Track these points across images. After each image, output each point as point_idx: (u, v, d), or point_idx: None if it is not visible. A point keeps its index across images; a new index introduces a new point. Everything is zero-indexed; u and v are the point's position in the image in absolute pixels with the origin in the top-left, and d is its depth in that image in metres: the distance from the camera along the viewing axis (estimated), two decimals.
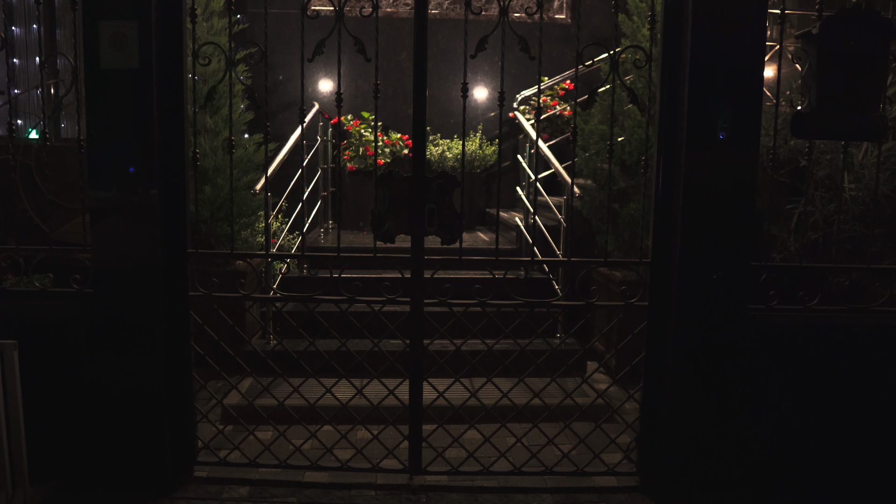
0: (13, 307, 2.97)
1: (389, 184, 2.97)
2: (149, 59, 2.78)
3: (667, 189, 2.94)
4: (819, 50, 2.81)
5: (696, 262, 2.87)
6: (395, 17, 6.92)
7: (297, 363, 3.26)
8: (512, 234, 5.68)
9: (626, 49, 3.19)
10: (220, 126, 4.80)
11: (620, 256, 4.69)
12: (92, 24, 2.76)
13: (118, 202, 2.83)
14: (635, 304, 3.08)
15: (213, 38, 4.76)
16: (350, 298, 3.08)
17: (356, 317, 3.35)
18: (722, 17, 2.79)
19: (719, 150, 2.82)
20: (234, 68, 3.02)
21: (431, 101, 6.96)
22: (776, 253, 4.51)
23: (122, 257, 2.86)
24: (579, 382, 3.39)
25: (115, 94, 2.80)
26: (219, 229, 4.71)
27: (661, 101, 2.94)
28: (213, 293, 3.07)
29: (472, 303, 3.08)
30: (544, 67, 6.77)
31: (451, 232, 2.99)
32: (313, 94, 6.89)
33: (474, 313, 3.17)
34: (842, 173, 3.63)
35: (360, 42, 2.83)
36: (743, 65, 2.81)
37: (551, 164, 4.76)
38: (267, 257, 3.37)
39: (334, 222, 6.50)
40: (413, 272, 3.01)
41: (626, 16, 4.73)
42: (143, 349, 2.90)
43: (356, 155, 6.47)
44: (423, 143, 2.94)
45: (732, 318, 2.89)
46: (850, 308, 3.07)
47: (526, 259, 3.26)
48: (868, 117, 2.86)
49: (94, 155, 2.83)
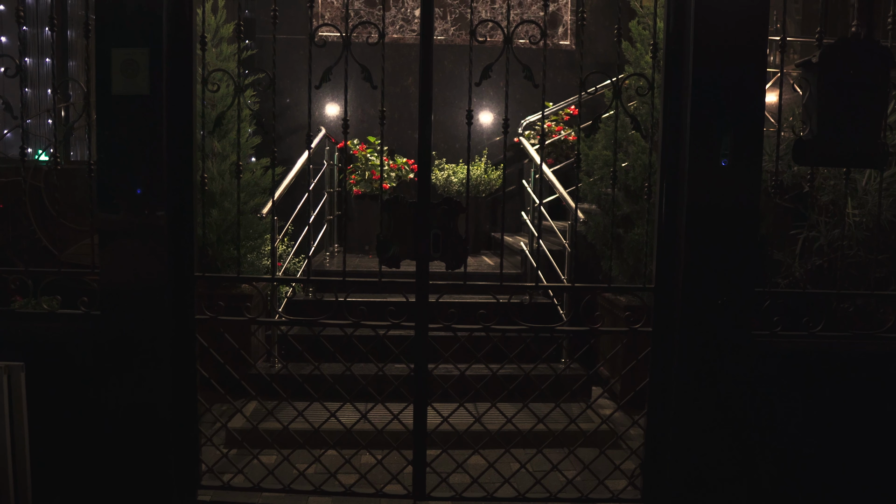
0: (21, 329, 3.00)
1: (395, 209, 3.00)
2: (159, 85, 2.82)
3: (670, 215, 2.96)
4: (819, 78, 2.84)
5: (700, 287, 2.87)
6: (400, 43, 7.01)
7: (302, 387, 3.27)
8: (517, 259, 5.69)
9: (628, 76, 3.23)
10: (228, 150, 4.86)
11: (625, 281, 4.69)
12: (104, 52, 2.82)
13: (127, 225, 2.87)
14: (639, 330, 3.08)
15: (222, 63, 4.83)
16: (355, 323, 3.09)
17: (361, 341, 3.36)
18: (723, 44, 2.83)
19: (722, 176, 2.85)
20: (243, 94, 3.07)
21: (437, 125, 7.03)
22: (781, 278, 4.51)
23: (130, 280, 2.89)
24: (584, 408, 3.39)
25: (126, 120, 2.84)
26: (225, 252, 4.74)
27: (663, 127, 2.97)
28: (219, 317, 3.09)
29: (477, 328, 3.09)
30: (549, 93, 6.84)
31: (455, 257, 3.00)
32: (320, 119, 6.97)
33: (479, 338, 3.17)
34: (844, 200, 3.65)
35: (366, 70, 2.87)
36: (744, 92, 2.84)
37: (555, 190, 4.79)
38: (273, 281, 3.40)
39: (340, 246, 6.54)
40: (418, 297, 3.02)
41: (630, 43, 4.78)
42: (150, 372, 2.91)
43: (362, 179, 6.52)
44: (428, 170, 2.97)
45: (737, 345, 2.89)
46: (856, 334, 3.06)
47: (530, 284, 3.27)
48: (870, 144, 2.88)
49: (103, 178, 2.87)
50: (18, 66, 3.04)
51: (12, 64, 3.02)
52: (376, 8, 6.96)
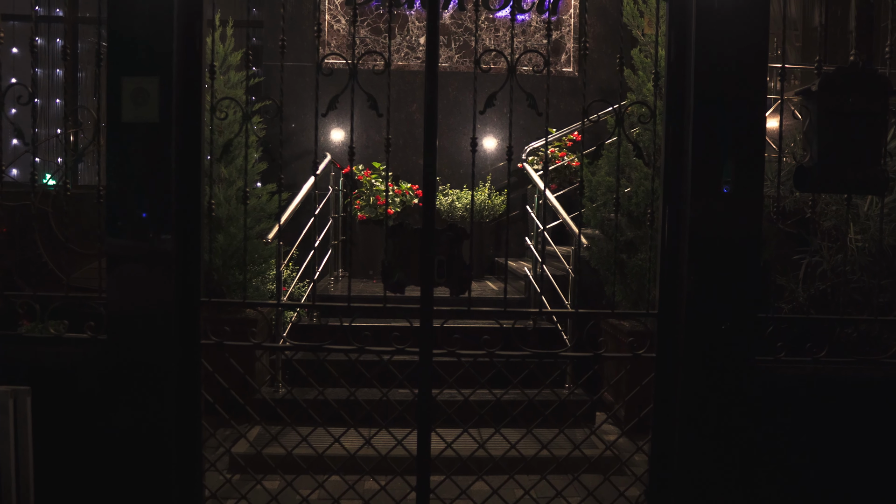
0: (28, 353, 3.02)
1: (400, 235, 3.03)
2: (168, 113, 2.87)
3: (672, 241, 2.98)
4: (819, 106, 2.88)
5: (703, 313, 2.88)
6: (406, 70, 7.10)
7: (306, 412, 3.27)
8: (521, 284, 5.71)
9: (631, 104, 3.27)
10: (235, 176, 4.91)
11: (629, 307, 4.70)
12: (115, 80, 2.87)
13: (135, 249, 2.90)
14: (643, 356, 3.09)
15: (230, 91, 4.91)
16: (359, 348, 3.10)
17: (365, 366, 3.37)
18: (723, 72, 2.87)
19: (724, 202, 2.87)
20: (250, 121, 3.12)
21: (441, 151, 7.09)
22: (785, 303, 4.51)
23: (137, 304, 2.91)
24: (588, 434, 3.38)
25: (135, 146, 2.89)
26: (231, 277, 4.77)
27: (665, 154, 3.01)
28: (224, 342, 3.11)
29: (481, 353, 3.10)
30: (552, 119, 6.91)
31: (459, 284, 3.02)
32: (325, 145, 7.03)
33: (483, 363, 3.18)
34: (846, 226, 3.67)
35: (372, 98, 2.92)
36: (745, 119, 2.88)
37: (559, 215, 4.82)
38: (278, 306, 3.42)
39: (345, 271, 6.57)
40: (422, 323, 3.04)
41: (632, 71, 4.84)
42: (155, 397, 2.92)
43: (367, 204, 6.57)
44: (433, 198, 2.99)
45: (740, 370, 2.89)
46: (859, 360, 3.06)
47: (533, 311, 3.29)
48: (870, 171, 2.91)
49: (112, 203, 2.91)
50: (31, 95, 3.10)
51: (25, 91, 3.08)
52: (381, 36, 7.06)
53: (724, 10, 2.85)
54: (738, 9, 2.85)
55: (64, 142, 3.07)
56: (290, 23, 6.91)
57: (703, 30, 2.86)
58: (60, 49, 6.94)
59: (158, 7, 2.85)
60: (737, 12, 2.85)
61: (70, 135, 5.56)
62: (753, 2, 2.86)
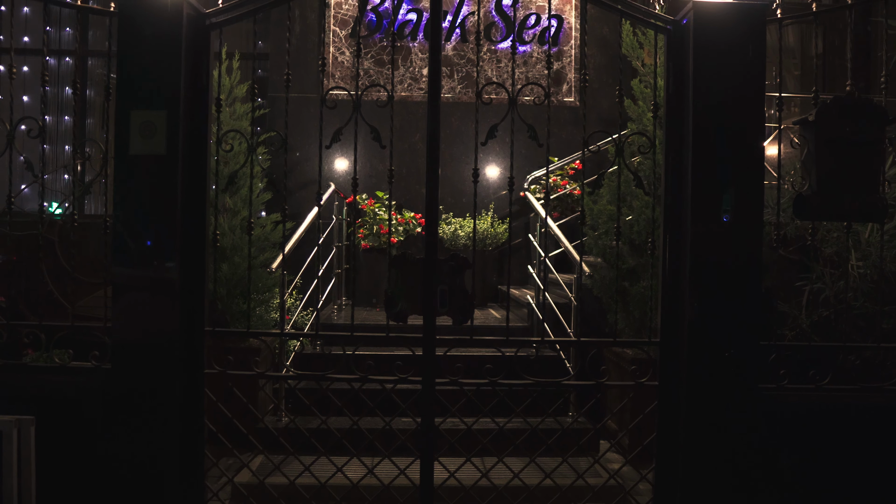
0: (33, 382, 3.04)
1: (402, 265, 3.05)
2: (175, 145, 2.92)
3: (674, 269, 3.00)
4: (816, 136, 2.92)
5: (705, 341, 2.89)
6: (409, 100, 7.19)
7: (309, 441, 3.27)
8: (524, 312, 5.71)
9: (630, 134, 3.32)
10: (240, 206, 4.96)
11: (631, 334, 4.70)
12: (124, 114, 2.93)
13: (139, 279, 2.93)
14: (645, 384, 3.09)
15: (236, 122, 4.98)
16: (362, 377, 3.11)
17: (368, 394, 3.37)
18: (721, 103, 2.91)
19: (724, 230, 2.90)
20: (255, 152, 3.17)
21: (444, 180, 7.14)
22: (788, 330, 4.50)
23: (142, 334, 2.93)
24: (591, 462, 3.36)
25: (142, 178, 2.93)
26: (235, 306, 4.79)
27: (665, 183, 3.04)
28: (227, 371, 3.12)
29: (483, 382, 3.11)
30: (554, 148, 6.97)
31: (462, 313, 3.04)
32: (330, 174, 7.10)
33: (486, 391, 3.18)
34: (847, 252, 3.68)
35: (375, 130, 2.97)
36: (744, 149, 2.92)
37: (561, 243, 4.85)
38: (281, 336, 3.44)
39: (348, 299, 6.58)
40: (424, 352, 3.05)
41: (632, 101, 4.90)
42: (158, 426, 2.93)
43: (370, 233, 6.61)
44: (435, 228, 3.02)
45: (743, 398, 2.89)
46: (863, 387, 3.06)
47: (535, 339, 3.30)
48: (868, 199, 2.94)
49: (118, 234, 2.95)
50: (41, 128, 3.16)
51: (35, 125, 3.14)
52: (385, 67, 7.16)
53: (720, 43, 2.90)
54: (734, 42, 2.91)
55: (71, 173, 3.12)
56: (296, 55, 7.02)
57: (701, 62, 2.91)
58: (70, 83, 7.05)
59: (166, 42, 2.91)
60: (733, 45, 2.91)
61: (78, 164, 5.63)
62: (750, 36, 2.91)
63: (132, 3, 2.94)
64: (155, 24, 2.91)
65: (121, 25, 2.94)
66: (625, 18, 3.16)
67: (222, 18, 3.10)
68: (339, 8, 7.17)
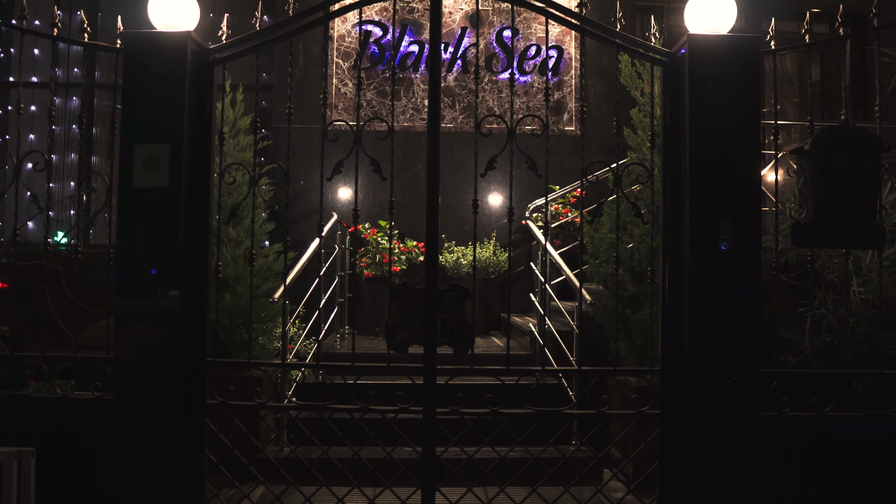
0: (34, 413, 3.05)
1: (403, 295, 3.07)
2: (178, 178, 2.97)
3: (673, 298, 3.01)
4: (812, 164, 2.95)
5: (706, 369, 2.89)
6: (411, 131, 7.26)
7: (310, 471, 3.26)
8: (526, 340, 5.71)
9: (628, 164, 3.35)
10: (243, 236, 4.99)
11: (634, 362, 4.68)
12: (128, 147, 2.98)
13: (142, 310, 2.95)
14: (647, 413, 3.08)
15: (240, 153, 5.03)
16: (363, 407, 3.11)
17: (370, 424, 3.37)
18: (717, 133, 2.95)
19: (722, 258, 2.91)
20: (257, 184, 3.21)
21: (446, 209, 7.18)
22: (792, 356, 4.49)
23: (143, 364, 2.95)
24: (594, 491, 3.34)
25: (145, 211, 2.97)
26: (237, 336, 4.80)
27: (664, 212, 3.07)
28: (228, 402, 3.12)
29: (484, 412, 3.10)
30: (555, 176, 7.01)
31: (463, 343, 3.05)
32: (333, 203, 7.16)
33: (487, 420, 3.18)
34: (846, 279, 3.69)
35: (376, 162, 3.01)
36: (740, 178, 2.94)
37: (562, 271, 4.87)
38: (282, 366, 3.44)
39: (351, 328, 6.59)
40: (425, 382, 3.05)
41: (632, 130, 4.95)
42: (159, 457, 2.93)
43: (373, 262, 6.63)
44: (435, 259, 3.05)
45: (745, 426, 2.88)
46: (866, 414, 3.05)
47: (536, 368, 3.30)
48: (866, 227, 2.95)
49: (122, 265, 2.98)
50: (47, 162, 3.21)
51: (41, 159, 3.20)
52: (388, 98, 7.25)
53: (716, 75, 2.95)
54: (729, 74, 2.95)
55: (76, 205, 3.17)
56: (299, 86, 7.12)
57: (697, 93, 2.95)
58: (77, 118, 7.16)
59: (170, 78, 2.97)
60: (728, 77, 2.95)
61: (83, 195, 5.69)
62: (744, 67, 2.96)
63: (138, 39, 3.01)
64: (159, 61, 2.98)
65: (126, 61, 3.01)
66: (621, 51, 3.21)
67: (226, 54, 3.16)
68: (342, 41, 7.29)
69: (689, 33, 2.99)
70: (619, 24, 3.17)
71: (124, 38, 3.05)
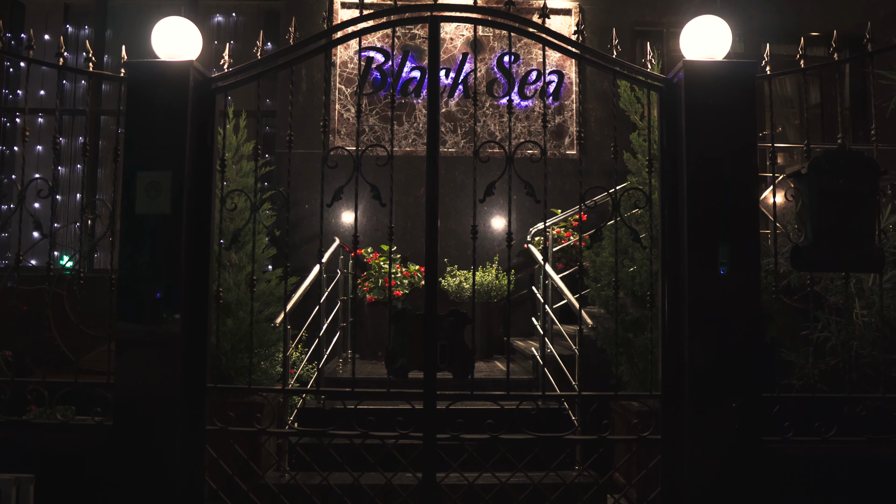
0: (34, 439, 3.05)
1: (403, 321, 3.08)
2: (180, 205, 3.00)
3: (673, 322, 3.01)
4: (809, 188, 2.96)
5: (706, 394, 2.88)
6: (413, 155, 7.31)
7: (311, 498, 3.24)
8: (529, 364, 5.69)
9: (626, 189, 3.37)
10: (245, 261, 5.01)
11: (636, 386, 4.66)
12: (131, 174, 3.01)
13: (143, 336, 2.97)
14: (648, 438, 3.07)
15: (243, 179, 5.07)
16: (363, 433, 3.11)
17: (370, 450, 3.35)
18: (713, 158, 2.97)
19: (721, 283, 2.91)
20: (261, 208, 3.23)
21: (448, 233, 7.21)
22: (796, 379, 4.46)
23: (144, 390, 2.95)
24: None
25: (147, 237, 3.00)
26: (239, 361, 4.80)
27: (662, 236, 3.08)
28: (228, 427, 3.12)
29: (485, 437, 3.09)
30: (557, 200, 7.04)
31: (462, 368, 3.05)
32: (335, 228, 7.18)
33: (488, 446, 3.16)
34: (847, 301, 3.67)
35: (375, 189, 3.04)
36: (738, 202, 2.95)
37: (563, 295, 4.86)
38: (283, 392, 3.44)
39: (353, 352, 6.57)
40: (425, 408, 3.05)
41: (631, 154, 4.98)
42: (159, 485, 2.92)
43: (375, 286, 6.64)
44: (435, 285, 3.06)
45: (746, 452, 2.86)
46: (871, 438, 3.03)
47: (536, 394, 3.29)
48: (864, 250, 2.96)
49: (123, 291, 3.00)
50: (51, 189, 3.25)
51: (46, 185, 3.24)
52: (390, 123, 7.31)
53: (711, 100, 2.98)
54: (725, 99, 2.98)
55: (80, 232, 3.20)
56: (302, 112, 7.19)
57: (693, 118, 2.98)
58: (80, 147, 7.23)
59: (173, 106, 3.02)
60: (724, 102, 2.98)
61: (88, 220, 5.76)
62: (740, 92, 2.99)
63: (141, 69, 3.06)
64: (162, 89, 3.02)
65: (129, 90, 3.06)
66: (618, 78, 3.25)
67: (228, 83, 3.21)
68: (344, 67, 7.37)
69: (685, 59, 3.02)
70: (616, 50, 3.21)
71: (128, 68, 3.10)
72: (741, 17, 7.51)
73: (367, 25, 3.29)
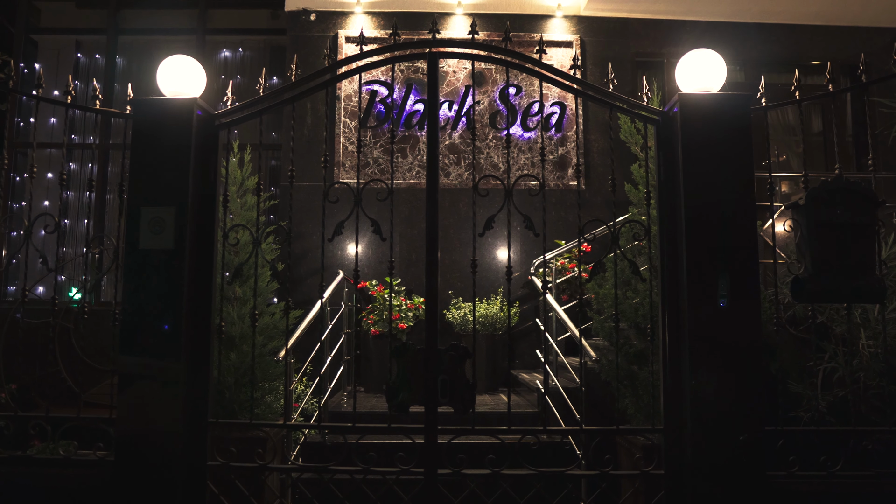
0: (36, 475, 3.05)
1: (404, 356, 3.08)
2: (183, 240, 3.03)
3: (674, 354, 2.99)
4: (807, 219, 2.96)
5: (708, 428, 2.86)
6: (417, 187, 7.36)
7: None
8: (534, 397, 5.65)
9: (625, 222, 3.38)
10: (248, 295, 5.03)
11: (642, 419, 4.62)
12: (135, 210, 3.05)
13: (145, 370, 2.97)
14: (651, 473, 3.03)
15: (247, 213, 5.12)
16: (364, 469, 3.09)
17: (371, 485, 3.33)
18: (711, 191, 2.98)
19: (721, 316, 2.90)
20: (264, 241, 3.26)
21: (453, 265, 7.22)
22: (804, 412, 4.41)
23: (146, 425, 2.95)
24: None
25: (151, 272, 3.03)
26: (242, 395, 4.79)
27: (662, 268, 3.08)
28: (230, 463, 3.11)
29: (486, 473, 3.06)
30: (561, 231, 7.06)
31: (463, 403, 3.04)
32: (340, 260, 7.21)
33: (491, 481, 3.13)
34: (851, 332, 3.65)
35: (376, 223, 3.06)
36: (736, 234, 2.95)
37: (567, 327, 4.85)
38: (285, 427, 3.43)
39: (357, 385, 6.55)
40: (426, 443, 3.03)
41: (633, 186, 5.01)
42: None
43: (380, 319, 6.64)
44: (435, 320, 3.07)
45: (750, 488, 2.82)
46: (878, 473, 2.98)
47: (538, 428, 3.27)
48: (865, 281, 2.95)
49: (126, 324, 3.02)
50: (57, 224, 3.29)
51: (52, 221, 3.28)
52: (394, 156, 7.38)
53: (707, 132, 3.00)
54: (721, 130, 3.00)
55: (85, 266, 3.24)
56: (307, 145, 7.27)
57: (689, 150, 3.00)
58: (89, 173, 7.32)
59: (176, 142, 3.07)
60: (720, 134, 3.00)
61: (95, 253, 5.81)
62: (735, 124, 3.01)
63: (145, 105, 3.12)
64: (166, 125, 3.07)
65: (134, 126, 3.11)
66: (616, 111, 3.28)
67: (231, 119, 3.26)
68: (349, 100, 7.47)
69: (681, 92, 3.05)
70: (612, 84, 3.25)
71: (133, 105, 3.16)
72: (742, 47, 7.59)
73: (367, 62, 3.34)
